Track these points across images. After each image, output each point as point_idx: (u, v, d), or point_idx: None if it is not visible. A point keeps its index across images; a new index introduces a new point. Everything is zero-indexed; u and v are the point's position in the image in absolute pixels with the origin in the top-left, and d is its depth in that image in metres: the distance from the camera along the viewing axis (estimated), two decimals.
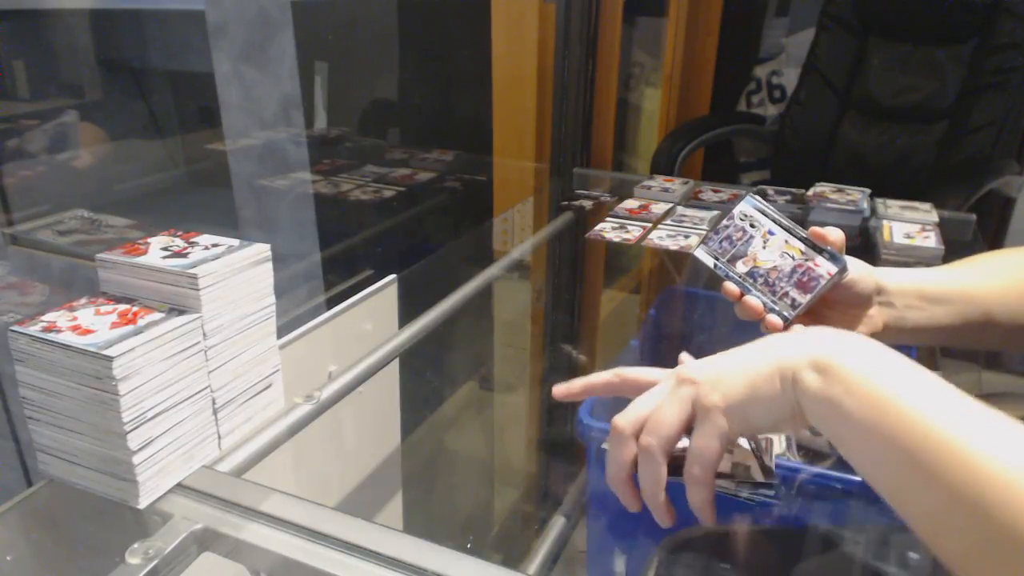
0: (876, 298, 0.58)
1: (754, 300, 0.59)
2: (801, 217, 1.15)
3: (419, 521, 1.09)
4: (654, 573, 0.65)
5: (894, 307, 0.59)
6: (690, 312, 1.15)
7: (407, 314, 0.86)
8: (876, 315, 0.58)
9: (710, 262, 0.61)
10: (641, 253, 1.30)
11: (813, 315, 0.59)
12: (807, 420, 0.44)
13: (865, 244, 1.08)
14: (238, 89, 1.21)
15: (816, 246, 0.58)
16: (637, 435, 0.46)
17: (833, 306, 0.59)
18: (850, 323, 0.58)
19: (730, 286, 0.61)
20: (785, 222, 0.60)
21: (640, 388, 0.50)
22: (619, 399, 0.75)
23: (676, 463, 0.57)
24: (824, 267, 0.57)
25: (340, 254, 1.37)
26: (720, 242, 0.62)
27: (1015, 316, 0.59)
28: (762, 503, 0.56)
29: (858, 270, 0.58)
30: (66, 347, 0.48)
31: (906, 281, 0.59)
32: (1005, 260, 0.62)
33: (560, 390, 0.55)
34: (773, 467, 0.53)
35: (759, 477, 0.52)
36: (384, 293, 0.87)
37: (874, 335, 0.58)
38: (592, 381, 0.54)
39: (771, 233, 0.60)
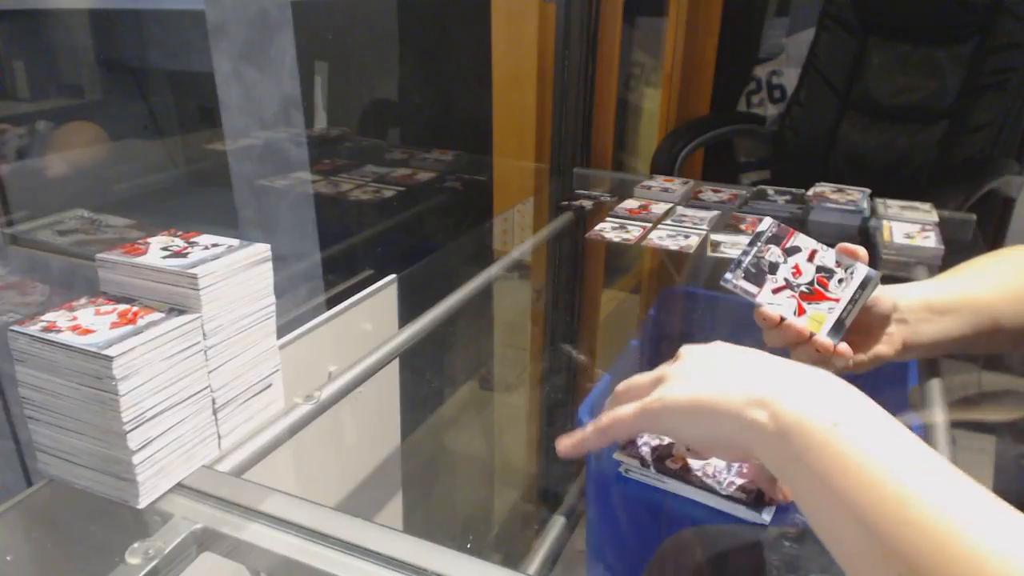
0: (893, 316, 0.58)
1: (798, 323, 0.57)
2: (801, 217, 1.15)
3: (419, 521, 1.09)
4: (654, 573, 0.65)
5: (908, 323, 0.59)
6: (690, 312, 1.15)
7: (407, 314, 0.86)
8: (895, 333, 0.59)
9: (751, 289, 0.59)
10: (641, 253, 1.30)
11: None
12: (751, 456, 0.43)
13: (865, 244, 1.07)
14: (238, 89, 1.21)
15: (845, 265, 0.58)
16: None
17: (856, 328, 0.58)
18: (872, 343, 0.59)
19: (767, 311, 0.59)
20: (809, 244, 0.60)
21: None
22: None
23: (673, 470, 0.57)
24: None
25: (340, 254, 1.37)
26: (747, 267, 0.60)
27: (1021, 319, 0.59)
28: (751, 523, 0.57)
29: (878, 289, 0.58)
30: (66, 347, 0.48)
31: (914, 295, 0.60)
32: (1005, 263, 0.63)
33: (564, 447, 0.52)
34: (774, 502, 0.54)
35: (749, 506, 0.53)
36: (384, 293, 0.87)
37: (896, 355, 0.59)
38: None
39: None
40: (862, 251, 0.58)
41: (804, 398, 0.40)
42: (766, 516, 0.55)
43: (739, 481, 0.57)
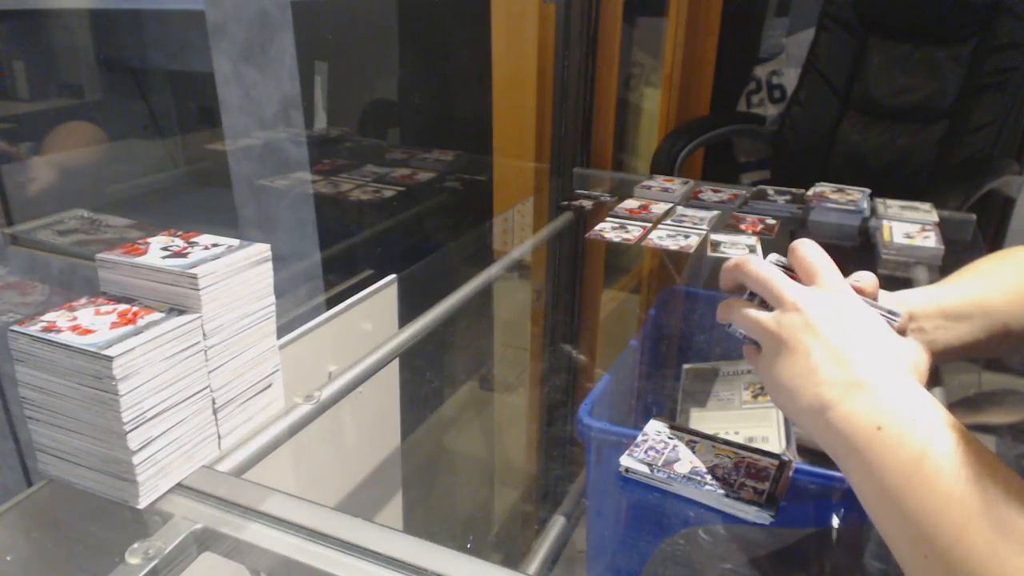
0: (909, 326, 0.58)
1: None
2: (801, 217, 1.15)
3: (419, 521, 1.09)
4: (654, 573, 0.65)
5: (925, 331, 0.58)
6: (690, 312, 1.15)
7: (407, 314, 0.86)
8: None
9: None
10: (641, 253, 1.30)
11: None
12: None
13: (865, 244, 1.08)
14: (238, 89, 1.21)
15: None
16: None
17: None
18: None
19: None
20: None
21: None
22: (618, 399, 0.75)
23: (682, 473, 0.57)
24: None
25: (340, 254, 1.37)
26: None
27: None
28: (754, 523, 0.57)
29: (894, 304, 0.57)
30: (66, 347, 0.48)
31: (929, 302, 0.59)
32: (1010, 265, 0.62)
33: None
34: (779, 497, 0.54)
35: (761, 507, 0.53)
36: (384, 293, 0.87)
37: None
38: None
39: None
40: (870, 285, 0.56)
41: (893, 396, 0.46)
42: (769, 516, 0.55)
43: (750, 482, 0.57)
